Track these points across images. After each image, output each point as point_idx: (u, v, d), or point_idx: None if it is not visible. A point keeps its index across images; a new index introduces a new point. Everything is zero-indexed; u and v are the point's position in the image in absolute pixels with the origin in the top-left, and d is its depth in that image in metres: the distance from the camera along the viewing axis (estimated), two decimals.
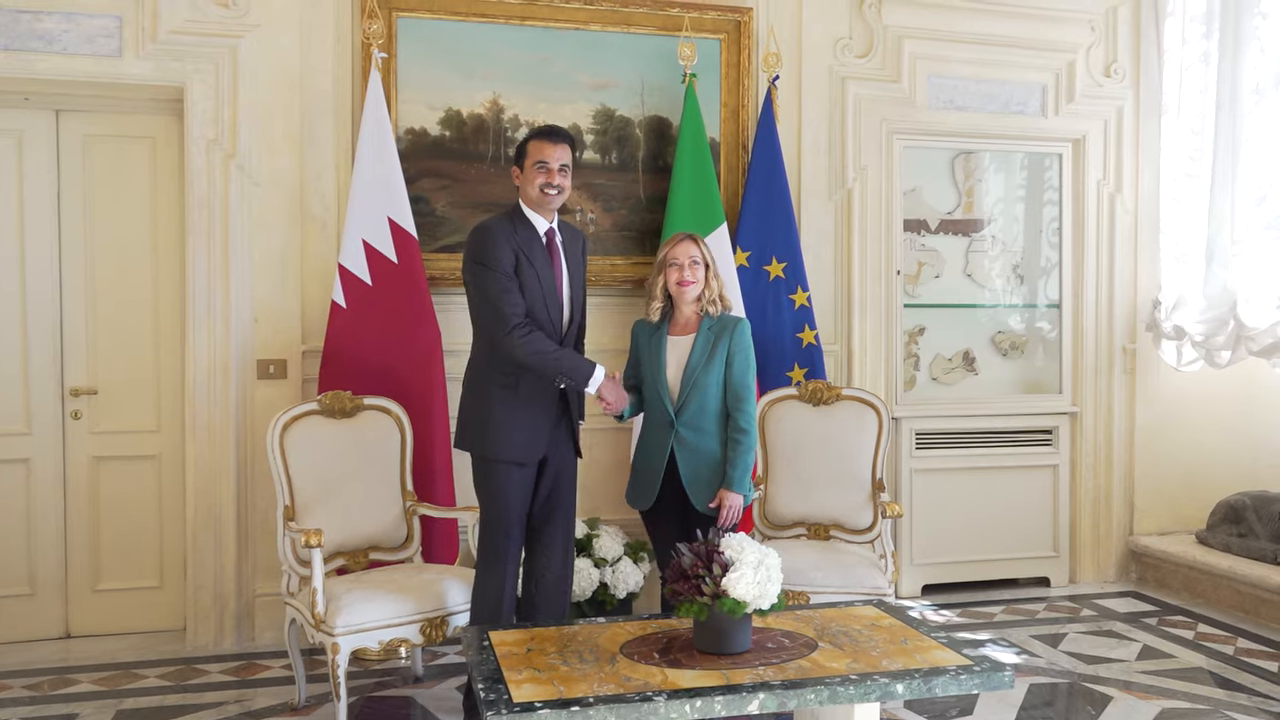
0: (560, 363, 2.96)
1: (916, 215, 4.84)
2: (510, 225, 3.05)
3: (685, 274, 3.15)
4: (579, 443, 3.24)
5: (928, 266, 4.87)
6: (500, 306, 2.96)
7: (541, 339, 2.96)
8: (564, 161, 3.09)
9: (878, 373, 4.65)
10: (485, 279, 2.99)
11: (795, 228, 4.37)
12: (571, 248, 3.19)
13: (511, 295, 2.96)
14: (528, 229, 3.07)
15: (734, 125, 4.45)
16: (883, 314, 4.67)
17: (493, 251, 2.97)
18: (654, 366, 3.16)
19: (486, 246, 2.99)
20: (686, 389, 3.11)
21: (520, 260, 3.00)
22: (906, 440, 4.73)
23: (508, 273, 2.96)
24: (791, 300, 4.33)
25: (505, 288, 2.96)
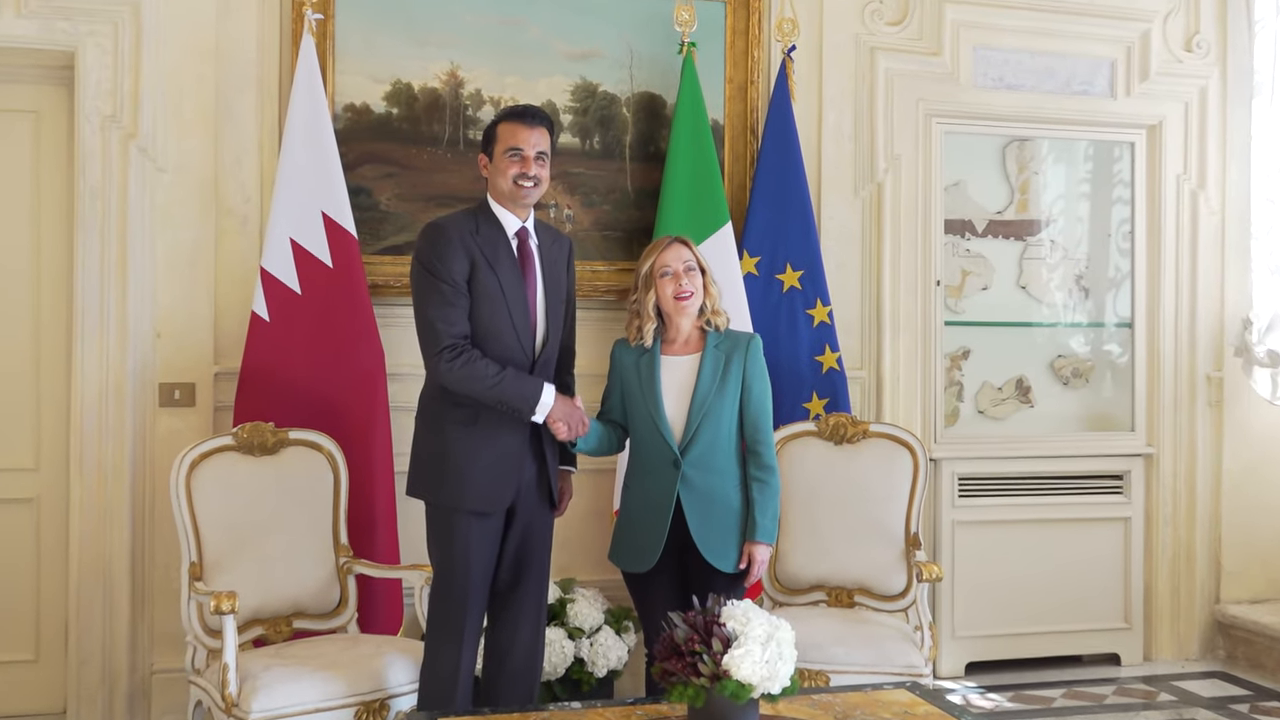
0: (499, 390, 2.98)
1: (960, 215, 4.88)
2: (471, 223, 3.08)
3: (683, 283, 3.17)
4: (555, 491, 3.25)
5: (974, 276, 4.91)
6: (433, 323, 2.99)
7: (479, 363, 2.97)
8: (541, 148, 3.12)
9: (913, 404, 4.68)
10: (426, 288, 3.02)
11: (814, 229, 4.40)
12: (551, 254, 3.21)
13: (451, 311, 2.99)
14: (493, 228, 3.10)
15: (741, 105, 4.49)
16: (919, 333, 4.71)
17: (441, 255, 3.00)
18: (648, 396, 3.16)
19: (434, 248, 3.02)
20: (695, 421, 3.12)
21: (479, 267, 3.02)
22: (947, 486, 4.76)
23: (455, 283, 2.99)
24: (809, 316, 4.36)
25: (446, 300, 2.99)
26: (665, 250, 3.21)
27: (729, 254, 4.22)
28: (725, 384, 3.14)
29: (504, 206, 3.12)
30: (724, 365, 3.16)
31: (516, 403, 3.00)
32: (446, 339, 2.97)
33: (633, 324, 3.26)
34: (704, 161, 4.26)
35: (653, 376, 3.17)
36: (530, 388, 3.02)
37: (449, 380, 2.99)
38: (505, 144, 3.09)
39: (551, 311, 3.18)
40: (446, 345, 2.97)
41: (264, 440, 3.58)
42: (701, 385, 3.13)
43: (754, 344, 3.21)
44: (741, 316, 4.14)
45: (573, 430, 3.09)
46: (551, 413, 3.04)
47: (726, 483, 3.15)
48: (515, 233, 3.13)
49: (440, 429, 3.09)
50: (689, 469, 3.12)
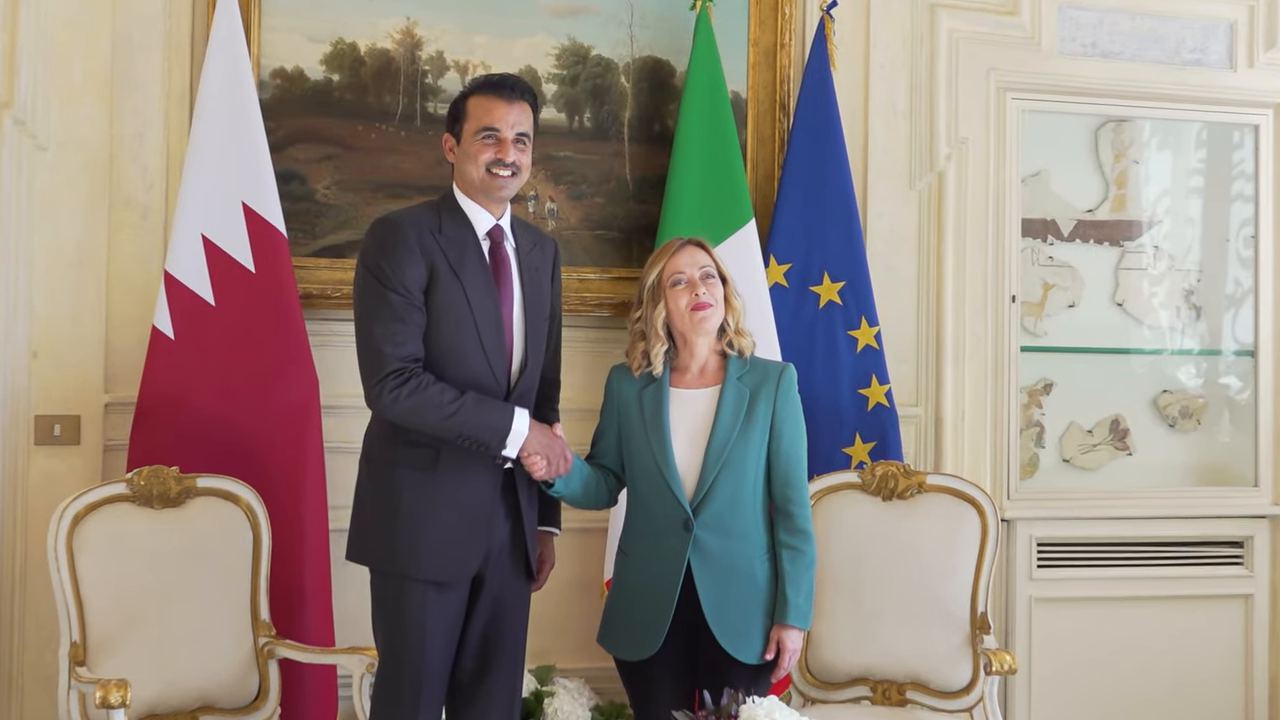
0: (457, 419, 2.97)
1: (1041, 213, 4.88)
2: (432, 219, 3.09)
3: (700, 293, 3.16)
4: (534, 558, 3.24)
5: (1058, 290, 4.90)
6: (378, 342, 2.99)
7: (431, 389, 2.97)
8: (522, 129, 3.13)
9: (981, 450, 4.68)
10: (371, 299, 3.02)
11: (859, 229, 4.41)
12: (532, 260, 3.22)
13: (400, 329, 2.99)
14: (460, 226, 3.11)
15: (768, 74, 4.50)
16: (989, 362, 4.71)
17: (392, 258, 3.01)
18: (654, 438, 3.16)
19: (384, 249, 3.02)
20: (712, 471, 3.11)
21: (440, 274, 3.03)
22: (1024, 554, 4.74)
23: (407, 293, 3.00)
24: (852, 339, 4.36)
25: (395, 315, 2.99)
26: (677, 254, 3.23)
27: (752, 260, 4.22)
28: (750, 426, 3.14)
29: (474, 200, 3.13)
30: (749, 402, 3.16)
31: (481, 434, 2.99)
32: (393, 362, 2.97)
33: (637, 347, 3.26)
34: (722, 144, 4.26)
35: (660, 413, 3.17)
36: (497, 415, 3.01)
37: (395, 413, 2.99)
38: (477, 123, 3.09)
39: (531, 331, 3.17)
40: (392, 370, 2.96)
41: (166, 489, 3.57)
42: (721, 426, 3.13)
43: (786, 377, 3.22)
44: (766, 338, 4.13)
45: (553, 466, 3.09)
46: (527, 444, 3.03)
47: (750, 549, 3.14)
48: (487, 232, 3.13)
49: (389, 476, 3.07)
50: (704, 532, 3.11)
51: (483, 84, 3.16)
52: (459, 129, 3.14)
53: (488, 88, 3.13)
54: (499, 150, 3.08)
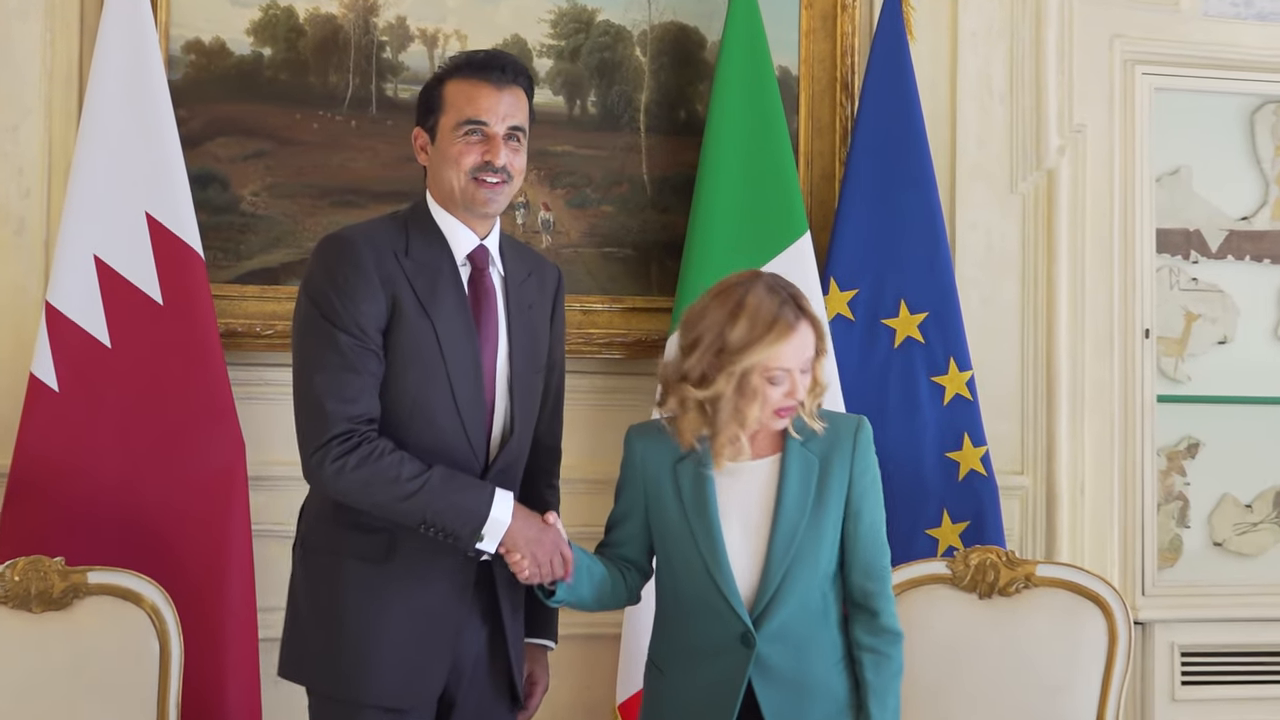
0: (419, 499, 2.93)
1: (1182, 222, 4.89)
2: (398, 237, 3.07)
3: (799, 392, 3.07)
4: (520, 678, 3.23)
5: (1204, 322, 4.91)
6: (321, 397, 2.96)
7: (387, 459, 2.94)
8: (516, 121, 3.11)
9: (1106, 532, 4.68)
10: (314, 338, 3.00)
11: (944, 245, 4.41)
12: (526, 293, 3.20)
13: (350, 380, 2.95)
14: (433, 248, 3.08)
15: (826, 44, 4.52)
16: (1116, 416, 4.71)
17: (345, 287, 2.99)
18: (698, 529, 3.10)
19: (335, 276, 3.00)
20: (779, 571, 3.08)
21: (404, 309, 3.01)
22: (1164, 666, 4.72)
23: (361, 333, 2.97)
24: (938, 387, 4.36)
25: (344, 361, 2.96)
26: (786, 335, 3.04)
27: (805, 284, 4.07)
28: (823, 506, 3.11)
29: (453, 214, 3.12)
30: (819, 474, 3.13)
31: (449, 520, 2.96)
32: (339, 423, 2.95)
33: (687, 421, 3.11)
34: (766, 135, 4.28)
35: (705, 496, 3.10)
36: (472, 496, 2.99)
37: (340, 487, 2.97)
38: (459, 115, 3.08)
39: (519, 385, 3.16)
40: (338, 433, 2.95)
41: (47, 586, 3.55)
42: (786, 511, 3.09)
43: (863, 436, 3.18)
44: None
45: (544, 568, 3.05)
46: (508, 537, 3.00)
47: (825, 658, 3.13)
48: (468, 255, 3.12)
49: (331, 570, 3.07)
50: (768, 645, 3.09)
51: (464, 64, 3.15)
52: (433, 122, 3.13)
53: (471, 69, 3.12)
54: (487, 150, 3.07)
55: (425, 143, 3.16)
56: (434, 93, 3.15)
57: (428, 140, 3.15)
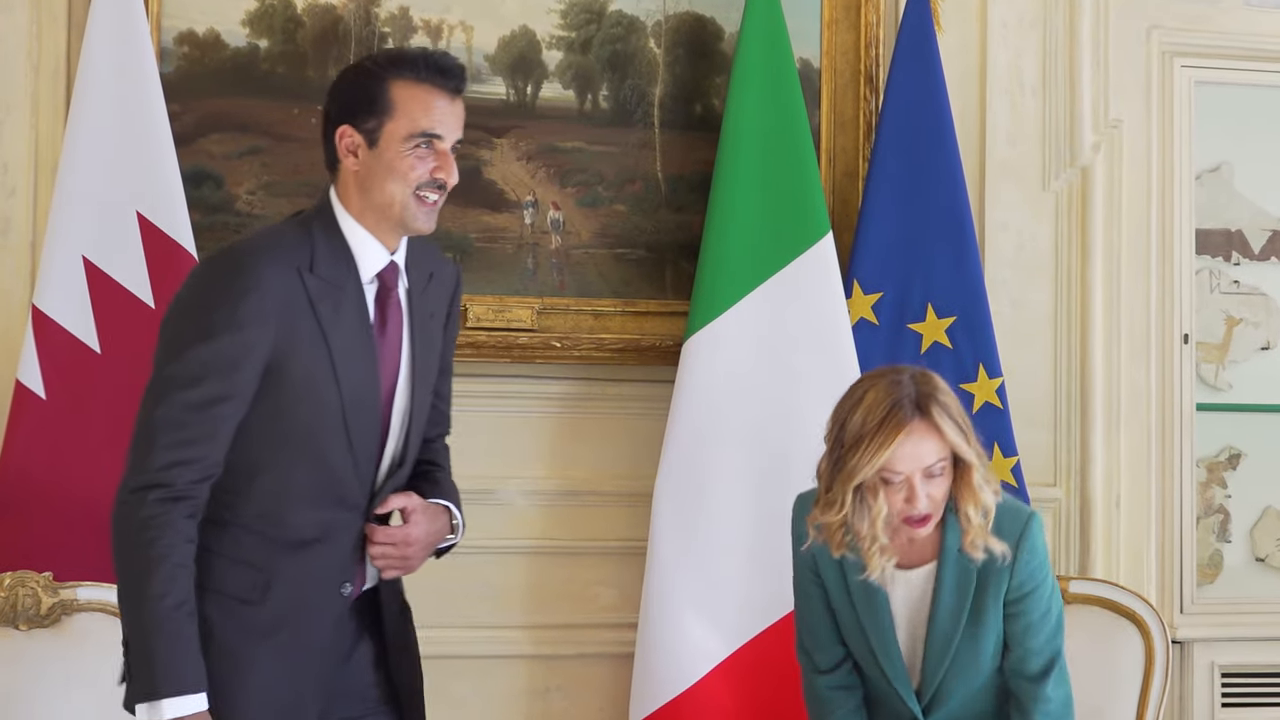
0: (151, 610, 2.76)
1: (1223, 222, 4.88)
2: (302, 252, 2.87)
3: (919, 500, 3.02)
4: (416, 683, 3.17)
5: (1247, 327, 4.88)
6: (159, 438, 2.79)
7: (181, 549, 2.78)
8: (460, 135, 2.99)
9: (1143, 547, 4.66)
10: (175, 365, 2.82)
11: (974, 247, 4.39)
12: (428, 301, 3.06)
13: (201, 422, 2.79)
14: (339, 264, 2.90)
15: (850, 36, 4.50)
16: (1154, 425, 4.70)
17: (228, 314, 2.78)
18: (872, 626, 3.20)
19: (218, 299, 2.80)
20: (937, 672, 3.20)
21: (299, 338, 2.85)
22: (1204, 687, 4.69)
23: (228, 374, 2.81)
24: (966, 395, 4.29)
25: (200, 398, 2.79)
26: (901, 437, 3.00)
27: (829, 288, 4.22)
28: (980, 618, 3.16)
29: (367, 226, 2.93)
30: (976, 585, 3.15)
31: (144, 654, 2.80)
32: (165, 474, 2.77)
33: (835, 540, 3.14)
34: (787, 131, 4.25)
35: (875, 601, 3.17)
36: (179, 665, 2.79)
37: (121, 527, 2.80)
38: (412, 124, 2.88)
39: (417, 410, 3.06)
40: (158, 483, 2.77)
41: (35, 603, 3.55)
42: (939, 622, 3.17)
43: (1025, 544, 3.17)
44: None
45: None
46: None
47: None
48: (379, 272, 2.96)
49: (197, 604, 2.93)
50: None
51: (417, 65, 2.94)
52: (375, 125, 2.90)
53: (427, 72, 2.92)
54: (438, 166, 2.90)
55: (358, 145, 2.92)
56: (377, 90, 2.93)
57: (362, 143, 2.92)
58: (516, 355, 4.20)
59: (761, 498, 4.13)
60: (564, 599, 4.27)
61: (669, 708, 4.10)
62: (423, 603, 3.94)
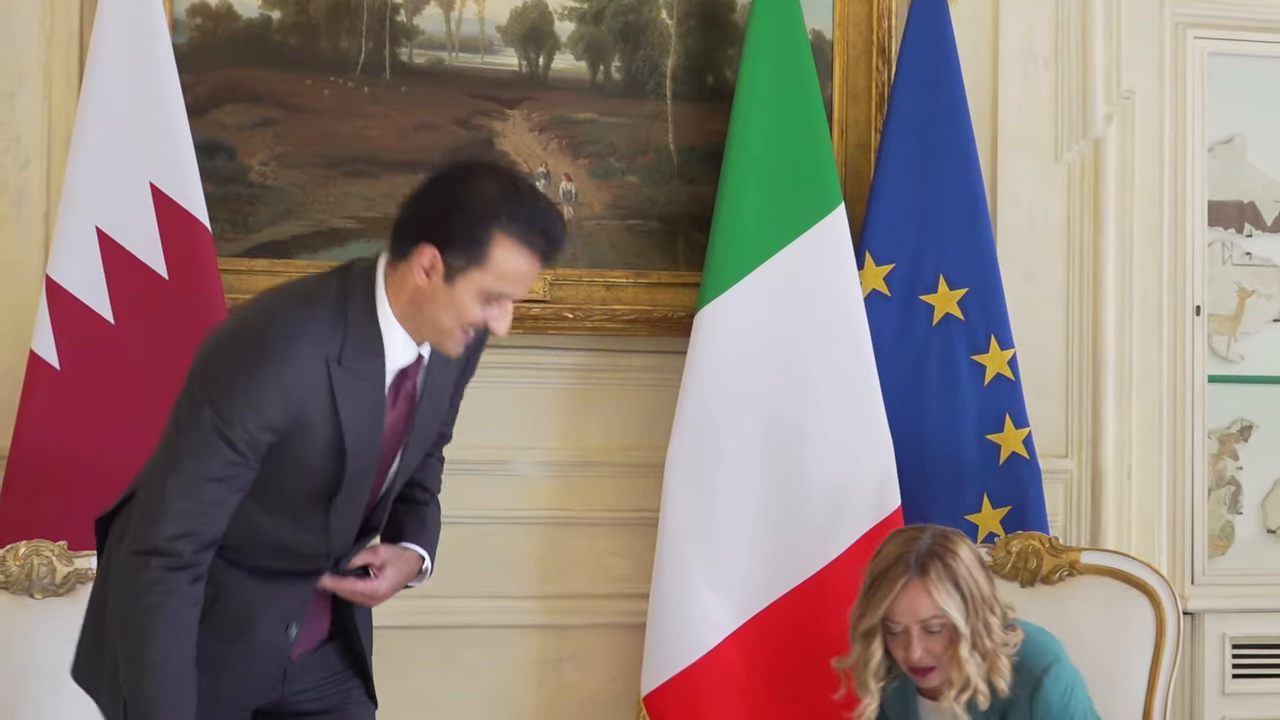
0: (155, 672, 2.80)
1: (1235, 194, 4.88)
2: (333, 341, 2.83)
3: (914, 651, 3.24)
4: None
5: (1259, 299, 4.89)
6: (172, 506, 2.79)
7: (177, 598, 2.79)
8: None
9: (1154, 518, 4.67)
10: (194, 436, 2.79)
11: (986, 219, 4.40)
12: (444, 374, 3.06)
13: (213, 496, 2.80)
14: (368, 356, 2.86)
15: (862, 7, 4.49)
16: (1166, 397, 4.70)
17: (252, 399, 2.76)
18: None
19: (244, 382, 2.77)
20: None
21: (311, 417, 2.84)
22: (1214, 659, 4.71)
23: (246, 454, 2.80)
24: (978, 366, 4.34)
25: (213, 473, 2.79)
26: (896, 595, 3.24)
27: (841, 259, 4.23)
28: None
29: (404, 328, 2.90)
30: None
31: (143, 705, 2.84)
32: (171, 544, 2.78)
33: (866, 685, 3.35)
34: (799, 103, 4.25)
35: None
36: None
37: (126, 586, 2.83)
38: (499, 282, 2.80)
39: (402, 474, 3.09)
40: (163, 551, 2.79)
41: (49, 571, 3.55)
42: None
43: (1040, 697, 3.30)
44: (860, 365, 4.18)
45: None
46: None
47: None
48: (403, 367, 2.94)
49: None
50: None
51: (533, 225, 2.81)
52: (462, 265, 2.79)
53: (536, 237, 2.81)
54: (497, 315, 2.85)
55: (435, 268, 2.78)
56: (481, 235, 2.79)
57: (441, 272, 2.80)
58: (529, 326, 4.18)
59: (773, 468, 4.17)
60: (576, 569, 4.29)
61: (681, 677, 4.11)
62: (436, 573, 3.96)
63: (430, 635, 4.14)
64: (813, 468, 4.18)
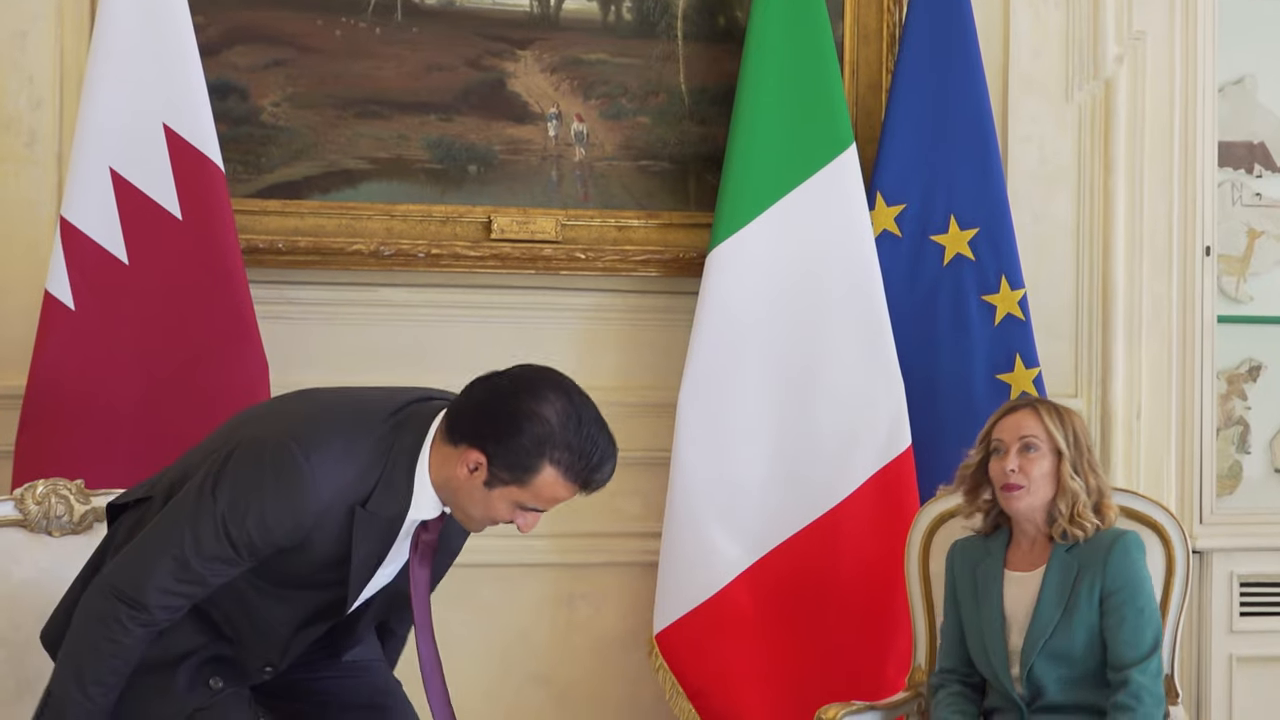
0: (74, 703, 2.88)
1: (1245, 134, 4.88)
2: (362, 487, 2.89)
3: (1010, 462, 3.49)
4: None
5: (1268, 239, 4.90)
6: (159, 560, 2.86)
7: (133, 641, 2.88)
8: None
9: (1163, 458, 4.70)
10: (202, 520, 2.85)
11: (997, 160, 4.41)
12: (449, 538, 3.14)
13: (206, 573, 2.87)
14: (394, 504, 2.91)
15: None
16: (1175, 337, 4.72)
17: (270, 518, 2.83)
18: (987, 616, 3.53)
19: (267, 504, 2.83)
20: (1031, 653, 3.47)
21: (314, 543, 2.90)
22: (1221, 597, 4.75)
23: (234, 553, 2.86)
24: (988, 306, 4.37)
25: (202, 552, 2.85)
26: (1005, 413, 3.57)
27: (852, 200, 4.25)
28: (1074, 613, 3.45)
29: (438, 494, 2.95)
30: (1072, 585, 3.47)
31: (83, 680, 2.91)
32: (151, 607, 2.86)
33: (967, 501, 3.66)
34: (810, 43, 4.26)
35: (992, 595, 3.55)
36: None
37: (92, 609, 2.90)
38: (536, 500, 2.88)
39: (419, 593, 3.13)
40: (141, 607, 2.86)
41: (66, 509, 3.53)
42: (1040, 615, 3.48)
43: (1117, 549, 3.48)
44: (871, 305, 4.21)
45: None
46: None
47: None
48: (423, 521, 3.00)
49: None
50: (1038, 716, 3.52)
51: (575, 459, 2.85)
52: (506, 479, 2.84)
53: (578, 471, 2.86)
54: (524, 522, 2.92)
55: (480, 470, 2.84)
56: (532, 463, 2.83)
57: (485, 475, 2.84)
58: (541, 267, 4.23)
59: (785, 408, 4.20)
60: (589, 508, 4.12)
61: (692, 615, 4.15)
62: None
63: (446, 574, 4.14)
64: (824, 407, 4.21)
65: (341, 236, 4.17)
